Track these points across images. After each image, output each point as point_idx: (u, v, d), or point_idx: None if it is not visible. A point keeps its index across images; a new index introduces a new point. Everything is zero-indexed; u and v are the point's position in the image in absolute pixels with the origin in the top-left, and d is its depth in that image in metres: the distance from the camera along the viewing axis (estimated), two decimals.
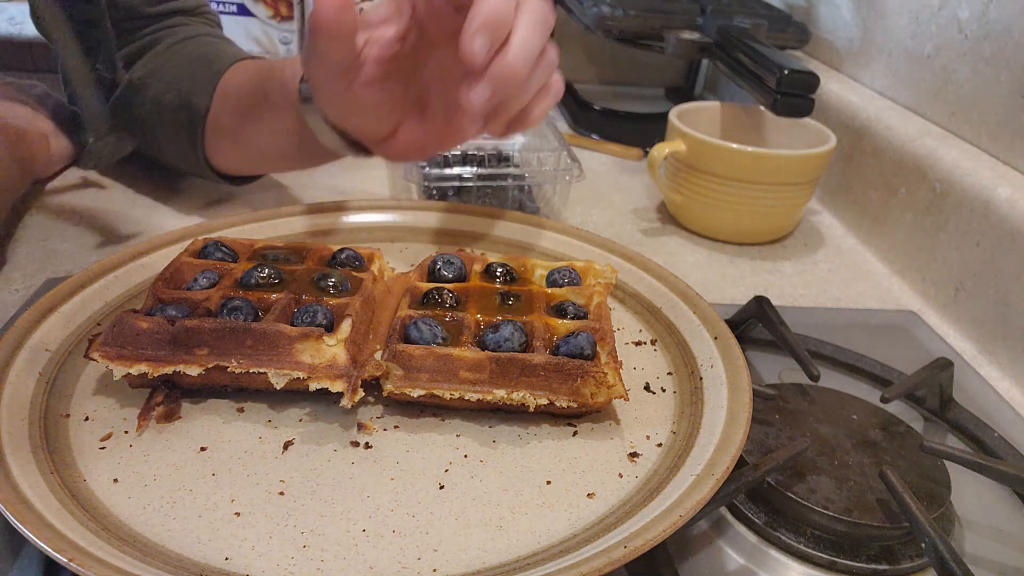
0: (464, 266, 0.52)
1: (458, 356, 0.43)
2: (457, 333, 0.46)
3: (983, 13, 0.72)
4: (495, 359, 0.43)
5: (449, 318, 0.47)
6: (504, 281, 0.52)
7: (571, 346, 0.44)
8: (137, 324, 0.43)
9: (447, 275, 0.51)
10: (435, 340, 0.45)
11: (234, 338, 0.43)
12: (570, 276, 0.52)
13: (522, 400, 0.43)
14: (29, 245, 0.69)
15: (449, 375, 0.43)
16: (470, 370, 0.43)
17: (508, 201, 0.78)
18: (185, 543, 0.36)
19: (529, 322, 0.46)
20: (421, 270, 0.53)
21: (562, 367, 0.43)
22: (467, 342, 0.44)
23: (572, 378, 0.43)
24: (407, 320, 0.46)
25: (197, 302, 0.46)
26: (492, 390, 0.43)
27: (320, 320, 0.45)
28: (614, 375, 0.44)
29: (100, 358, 0.43)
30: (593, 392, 0.43)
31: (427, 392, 0.43)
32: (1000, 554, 0.44)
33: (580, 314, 0.48)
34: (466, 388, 0.43)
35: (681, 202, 0.80)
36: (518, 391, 0.43)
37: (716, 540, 0.43)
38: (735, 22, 0.89)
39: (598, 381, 0.43)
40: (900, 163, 0.77)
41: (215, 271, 0.50)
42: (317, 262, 0.52)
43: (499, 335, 0.45)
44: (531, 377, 0.43)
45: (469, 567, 0.36)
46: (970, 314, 0.67)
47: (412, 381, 0.43)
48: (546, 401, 0.43)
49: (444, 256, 0.52)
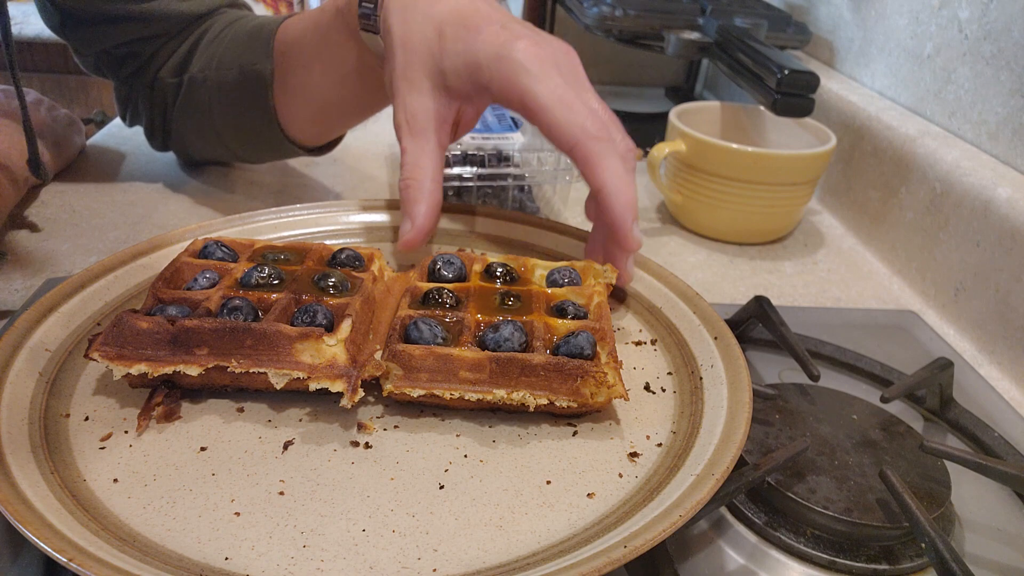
0: (464, 266, 0.52)
1: (458, 356, 0.43)
2: (457, 333, 0.46)
3: (983, 13, 0.72)
4: (495, 359, 0.43)
5: (449, 318, 0.47)
6: (504, 281, 0.52)
7: (571, 346, 0.44)
8: (137, 324, 0.43)
9: (447, 275, 0.51)
10: (435, 340, 0.45)
11: (234, 338, 0.43)
12: (570, 276, 0.52)
13: (522, 400, 0.43)
14: (29, 245, 0.69)
15: (449, 375, 0.43)
16: (470, 370, 0.43)
17: (508, 201, 0.78)
18: (185, 543, 0.36)
19: (529, 322, 0.46)
20: (421, 270, 0.53)
21: (562, 367, 0.43)
22: (467, 342, 0.44)
23: (572, 378, 0.43)
24: (407, 320, 0.46)
25: (197, 302, 0.46)
26: (492, 390, 0.43)
27: (320, 320, 0.45)
28: (614, 375, 0.44)
29: (100, 358, 0.42)
30: (593, 392, 0.43)
31: (427, 392, 0.43)
32: (1000, 554, 0.44)
33: (580, 314, 0.48)
34: (466, 388, 0.43)
35: (681, 202, 0.80)
36: (518, 391, 0.43)
37: (716, 540, 0.43)
38: (735, 22, 0.89)
39: (598, 381, 0.43)
40: (900, 163, 0.77)
41: (215, 271, 0.50)
42: (317, 262, 0.52)
43: (499, 335, 0.44)
44: (531, 377, 0.43)
45: (469, 567, 0.36)
46: (970, 314, 0.67)
47: (412, 381, 0.43)
48: (546, 401, 0.43)
49: (444, 256, 0.52)
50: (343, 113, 0.72)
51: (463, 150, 0.76)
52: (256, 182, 0.84)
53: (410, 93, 0.52)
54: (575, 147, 0.48)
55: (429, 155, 0.52)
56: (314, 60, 0.66)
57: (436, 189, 0.52)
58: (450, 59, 0.51)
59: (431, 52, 0.52)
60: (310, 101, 0.70)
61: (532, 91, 0.49)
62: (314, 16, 0.66)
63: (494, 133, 0.80)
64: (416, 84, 0.52)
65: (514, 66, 0.49)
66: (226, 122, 0.74)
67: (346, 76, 0.66)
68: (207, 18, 0.75)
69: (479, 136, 0.79)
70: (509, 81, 0.49)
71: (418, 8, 0.53)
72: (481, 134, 0.80)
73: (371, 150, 0.95)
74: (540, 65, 0.49)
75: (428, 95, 0.52)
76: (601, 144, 0.48)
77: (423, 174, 0.52)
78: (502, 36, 0.50)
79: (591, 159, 0.48)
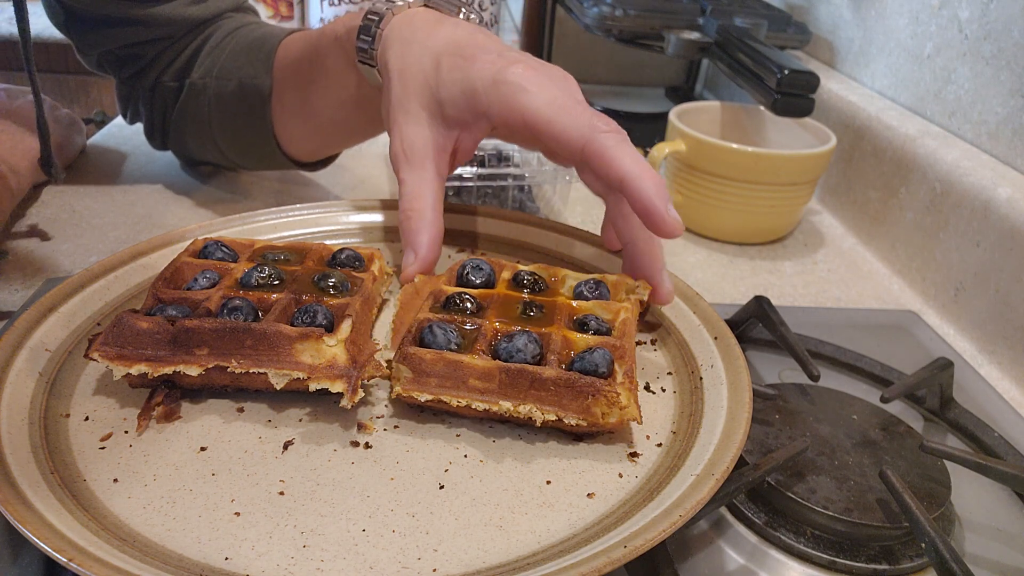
0: (493, 272, 0.51)
1: (468, 363, 0.42)
2: (473, 340, 0.45)
3: (983, 13, 0.72)
4: (505, 369, 0.42)
5: (468, 324, 0.46)
6: (531, 291, 0.50)
7: (586, 362, 0.43)
8: (137, 324, 0.43)
9: (475, 280, 0.51)
10: (448, 345, 0.44)
11: (234, 338, 0.43)
12: (599, 289, 0.50)
13: (528, 414, 0.42)
14: (29, 245, 0.69)
15: (458, 382, 0.43)
16: (479, 379, 0.42)
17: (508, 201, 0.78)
18: (185, 543, 0.36)
19: (547, 334, 0.45)
20: (451, 274, 0.52)
21: (573, 383, 0.42)
22: (480, 350, 0.43)
23: (583, 395, 0.41)
24: (423, 323, 0.45)
25: (197, 302, 0.46)
26: (499, 401, 0.42)
27: (320, 320, 0.45)
28: (628, 396, 0.42)
29: (100, 358, 0.42)
30: (604, 412, 0.42)
31: (434, 398, 0.43)
32: (1000, 554, 0.44)
33: (603, 329, 0.47)
34: (474, 397, 0.42)
35: (681, 202, 0.80)
36: (525, 404, 0.42)
37: (716, 540, 0.43)
38: (735, 22, 0.89)
39: (610, 401, 0.41)
40: (900, 163, 0.77)
41: (215, 271, 0.50)
42: (317, 262, 0.52)
43: (512, 345, 0.43)
44: (540, 391, 0.42)
45: (469, 567, 0.36)
46: (970, 314, 0.67)
47: (421, 385, 0.43)
48: (554, 417, 0.42)
49: (473, 261, 0.52)
50: (340, 134, 0.72)
51: None
52: (257, 182, 0.84)
53: (407, 124, 0.52)
54: (587, 145, 0.47)
55: (428, 184, 0.52)
56: (312, 82, 0.66)
57: (437, 219, 0.52)
58: (447, 88, 0.51)
59: (428, 83, 0.52)
60: (307, 120, 0.70)
61: (531, 106, 0.48)
62: (314, 38, 0.66)
63: None
64: (413, 114, 0.52)
65: (511, 88, 0.49)
66: (223, 131, 0.74)
67: (344, 101, 0.66)
68: (211, 23, 0.75)
69: None
70: (507, 103, 0.49)
71: (415, 40, 0.53)
72: None
73: (371, 150, 0.95)
74: (537, 83, 0.49)
75: (426, 125, 0.52)
76: (612, 137, 0.47)
77: (424, 204, 0.51)
78: (498, 63, 0.50)
79: (607, 152, 0.47)
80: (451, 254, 0.61)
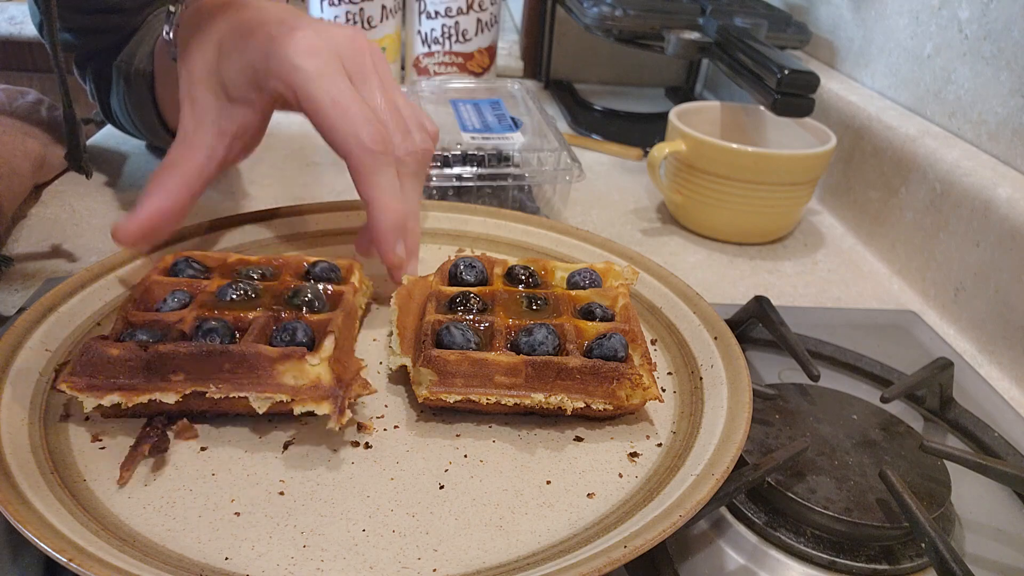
0: (485, 269, 0.52)
1: (494, 360, 0.43)
2: (488, 337, 0.45)
3: (983, 13, 0.72)
4: (531, 363, 0.43)
5: (477, 322, 0.46)
6: (527, 284, 0.51)
7: (605, 348, 0.44)
8: (107, 351, 0.40)
9: (469, 279, 0.51)
10: (467, 345, 0.44)
11: (211, 362, 0.40)
12: (591, 278, 0.51)
13: (560, 404, 0.43)
14: (29, 245, 0.69)
15: (485, 380, 0.43)
16: (506, 374, 0.43)
17: (508, 201, 0.78)
18: (185, 543, 0.36)
19: (560, 325, 0.46)
20: (441, 274, 0.52)
21: (598, 370, 0.43)
22: (501, 346, 0.44)
23: (608, 380, 0.43)
24: (437, 325, 0.45)
25: (170, 324, 0.44)
26: (530, 394, 0.43)
27: (300, 338, 0.43)
28: (648, 377, 0.44)
29: (69, 389, 0.40)
30: (628, 394, 0.43)
31: (463, 398, 0.43)
32: (1000, 554, 0.44)
33: (608, 316, 0.48)
34: (502, 392, 0.43)
35: (681, 202, 0.80)
36: (556, 394, 0.43)
37: (716, 540, 0.43)
38: (735, 22, 0.89)
39: (633, 383, 0.43)
40: (900, 163, 0.77)
41: (186, 290, 0.47)
42: (293, 276, 0.50)
43: (533, 338, 0.44)
44: (567, 380, 0.43)
45: (469, 567, 0.36)
46: (970, 314, 0.67)
47: (448, 386, 0.43)
48: (582, 404, 0.43)
49: (465, 260, 0.52)
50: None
51: (463, 150, 0.76)
52: (256, 182, 0.84)
53: (192, 112, 0.51)
54: (347, 158, 0.48)
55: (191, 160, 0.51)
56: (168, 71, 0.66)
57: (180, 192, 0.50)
58: (227, 71, 0.50)
59: (210, 70, 0.51)
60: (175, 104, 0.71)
61: (306, 90, 0.47)
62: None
63: (494, 133, 0.80)
64: (199, 100, 0.51)
65: (286, 64, 0.47)
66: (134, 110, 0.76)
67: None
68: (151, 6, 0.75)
69: (479, 136, 0.79)
70: (283, 79, 0.48)
71: (200, 29, 0.53)
72: (481, 134, 0.80)
73: None
74: (315, 60, 0.47)
75: (212, 108, 0.51)
76: (373, 157, 0.47)
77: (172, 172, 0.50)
78: (274, 33, 0.48)
79: (360, 172, 0.48)
80: (451, 254, 0.61)
